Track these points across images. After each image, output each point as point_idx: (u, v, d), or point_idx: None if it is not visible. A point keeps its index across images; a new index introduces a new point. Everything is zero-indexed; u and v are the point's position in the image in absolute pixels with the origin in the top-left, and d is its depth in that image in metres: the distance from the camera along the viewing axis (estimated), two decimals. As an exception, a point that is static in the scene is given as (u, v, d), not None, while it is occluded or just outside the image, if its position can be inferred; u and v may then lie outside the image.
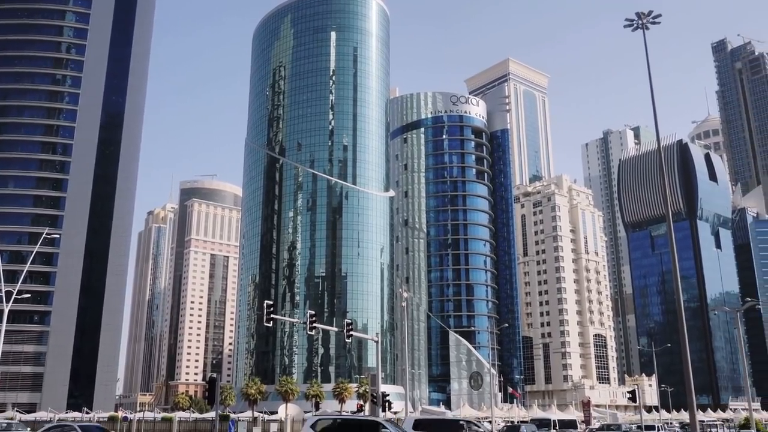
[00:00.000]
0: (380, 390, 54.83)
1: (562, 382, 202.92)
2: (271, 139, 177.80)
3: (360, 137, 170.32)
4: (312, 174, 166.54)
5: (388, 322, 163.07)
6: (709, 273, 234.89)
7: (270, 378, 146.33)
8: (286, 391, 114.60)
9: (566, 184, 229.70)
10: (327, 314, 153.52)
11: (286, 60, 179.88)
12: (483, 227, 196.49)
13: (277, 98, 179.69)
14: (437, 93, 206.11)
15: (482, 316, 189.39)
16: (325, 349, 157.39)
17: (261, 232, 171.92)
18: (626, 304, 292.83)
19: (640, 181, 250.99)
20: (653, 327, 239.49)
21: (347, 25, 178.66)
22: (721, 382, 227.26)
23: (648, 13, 43.83)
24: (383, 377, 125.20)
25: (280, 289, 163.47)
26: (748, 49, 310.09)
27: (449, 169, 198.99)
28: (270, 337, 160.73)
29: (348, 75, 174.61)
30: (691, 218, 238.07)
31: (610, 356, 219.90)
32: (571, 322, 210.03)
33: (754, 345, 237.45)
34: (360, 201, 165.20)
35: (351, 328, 54.96)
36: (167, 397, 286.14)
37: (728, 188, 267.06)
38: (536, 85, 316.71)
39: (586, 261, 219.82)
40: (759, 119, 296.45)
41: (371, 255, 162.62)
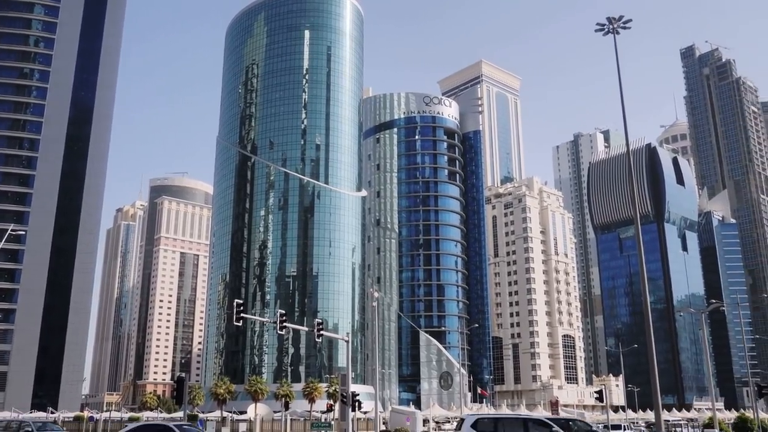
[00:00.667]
0: (350, 390, 54.78)
1: (531, 382, 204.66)
2: (243, 137, 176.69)
3: (333, 137, 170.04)
4: (284, 173, 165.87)
5: (359, 321, 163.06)
6: (676, 275, 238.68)
7: (239, 378, 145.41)
8: (255, 390, 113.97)
9: (537, 185, 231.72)
10: (298, 314, 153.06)
11: (259, 58, 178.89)
12: (454, 228, 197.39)
13: (249, 96, 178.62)
14: (410, 93, 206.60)
15: (453, 317, 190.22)
16: (296, 349, 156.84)
17: (232, 231, 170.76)
18: (594, 305, 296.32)
19: (610, 183, 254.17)
20: (621, 328, 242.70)
21: (321, 24, 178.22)
22: (686, 383, 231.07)
23: (619, 18, 44.41)
24: (353, 377, 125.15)
25: (250, 288, 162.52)
26: (715, 55, 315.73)
27: (421, 170, 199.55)
28: (240, 337, 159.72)
29: (321, 74, 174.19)
30: (658, 221, 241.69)
31: (578, 356, 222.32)
32: (541, 323, 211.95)
33: (718, 346, 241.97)
34: (332, 200, 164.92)
35: (321, 328, 54.82)
36: (135, 396, 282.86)
37: (695, 192, 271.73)
38: (508, 88, 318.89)
39: (555, 262, 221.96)
40: (725, 125, 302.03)
41: (343, 255, 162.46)
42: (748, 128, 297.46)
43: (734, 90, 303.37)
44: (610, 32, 44.33)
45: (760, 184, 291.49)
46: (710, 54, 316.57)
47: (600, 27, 44.66)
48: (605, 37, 44.80)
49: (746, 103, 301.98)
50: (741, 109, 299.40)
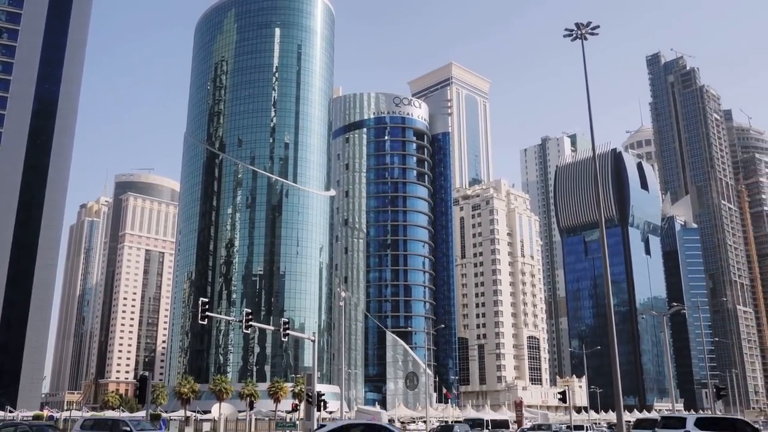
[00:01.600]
0: (316, 389, 54.66)
1: (496, 382, 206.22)
2: (212, 134, 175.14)
3: (302, 135, 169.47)
4: (252, 171, 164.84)
5: (326, 321, 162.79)
6: (639, 278, 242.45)
7: (204, 377, 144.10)
8: (220, 390, 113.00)
9: (504, 188, 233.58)
10: (264, 313, 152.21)
11: (228, 55, 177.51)
12: (422, 229, 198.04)
13: (218, 93, 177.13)
14: (380, 94, 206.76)
15: (419, 317, 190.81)
16: (261, 348, 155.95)
17: (198, 229, 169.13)
18: (559, 307, 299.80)
19: (576, 187, 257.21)
20: (584, 330, 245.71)
21: (292, 23, 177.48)
22: (647, 384, 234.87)
23: (587, 24, 44.94)
24: (319, 377, 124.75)
25: (216, 286, 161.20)
26: (680, 63, 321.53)
27: (390, 170, 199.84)
28: (205, 336, 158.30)
29: (291, 72, 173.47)
30: (622, 225, 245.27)
31: (543, 358, 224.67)
32: (506, 324, 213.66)
33: (679, 348, 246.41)
34: (300, 199, 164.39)
35: (288, 327, 54.62)
36: (96, 395, 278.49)
37: (658, 197, 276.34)
38: (478, 90, 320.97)
39: (521, 264, 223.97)
40: (688, 131, 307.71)
41: (310, 254, 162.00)
42: (711, 135, 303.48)
43: (698, 98, 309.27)
44: (578, 38, 44.84)
45: (721, 190, 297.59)
46: (675, 62, 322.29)
47: (568, 32, 45.16)
48: (573, 43, 45.33)
49: (709, 110, 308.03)
50: (704, 117, 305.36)
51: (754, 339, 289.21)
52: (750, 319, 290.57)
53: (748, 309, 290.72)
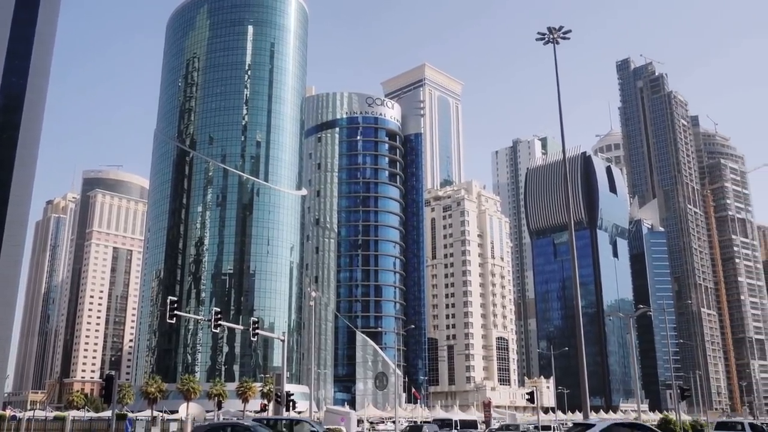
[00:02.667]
0: (285, 389, 54.45)
1: (465, 383, 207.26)
2: (182, 131, 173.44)
3: (274, 134, 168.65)
4: (223, 169, 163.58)
5: (296, 321, 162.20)
6: (606, 280, 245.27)
7: (172, 376, 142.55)
8: (188, 389, 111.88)
9: (476, 189, 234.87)
10: (233, 312, 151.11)
11: (200, 51, 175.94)
12: (393, 229, 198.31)
13: (189, 90, 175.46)
14: (353, 94, 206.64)
15: (389, 317, 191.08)
16: (230, 348, 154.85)
17: (167, 227, 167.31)
18: (528, 308, 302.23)
19: (546, 190, 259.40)
20: (553, 331, 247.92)
21: (265, 20, 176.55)
22: (614, 385, 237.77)
23: (559, 28, 45.46)
24: (288, 377, 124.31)
25: (185, 285, 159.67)
26: (649, 69, 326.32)
27: (362, 170, 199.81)
28: (173, 335, 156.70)
29: (264, 70, 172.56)
30: (591, 228, 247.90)
31: (512, 359, 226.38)
32: (476, 325, 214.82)
33: (644, 350, 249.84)
34: (271, 198, 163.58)
35: (257, 327, 54.34)
36: (61, 395, 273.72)
37: (626, 200, 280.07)
38: (450, 92, 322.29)
39: (492, 265, 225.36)
40: (656, 136, 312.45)
41: (281, 253, 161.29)
42: (678, 140, 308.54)
43: (666, 103, 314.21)
44: (551, 42, 45.34)
45: (687, 194, 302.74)
46: (644, 67, 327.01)
47: (541, 36, 45.63)
48: (546, 46, 45.80)
49: (677, 116, 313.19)
50: (672, 122, 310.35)
51: (718, 341, 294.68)
52: (714, 321, 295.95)
53: (712, 312, 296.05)
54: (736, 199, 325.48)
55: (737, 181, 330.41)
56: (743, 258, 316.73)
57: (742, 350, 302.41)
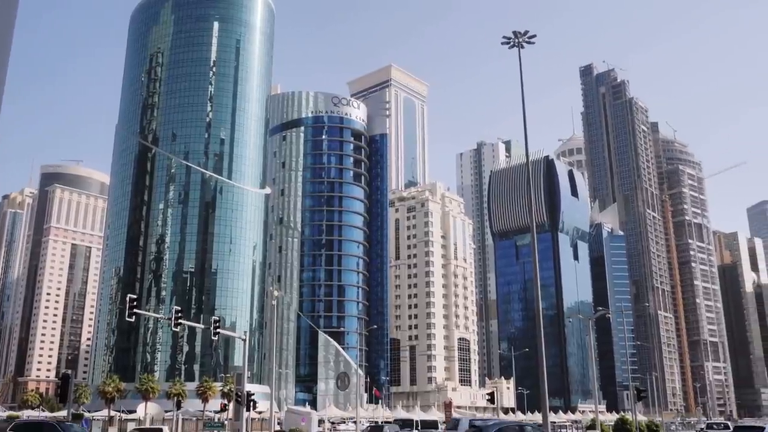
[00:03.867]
0: (246, 389, 54.06)
1: (427, 383, 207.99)
2: (145, 127, 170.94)
3: (238, 132, 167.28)
4: (186, 166, 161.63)
5: (258, 320, 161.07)
6: (567, 283, 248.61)
7: (130, 376, 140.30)
8: (146, 389, 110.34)
9: (440, 191, 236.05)
10: (194, 311, 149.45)
11: (164, 47, 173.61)
12: (357, 229, 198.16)
13: (152, 85, 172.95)
14: (319, 93, 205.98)
15: (352, 318, 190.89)
16: (191, 347, 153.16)
17: (128, 224, 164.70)
18: (490, 309, 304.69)
19: (509, 192, 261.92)
20: (514, 332, 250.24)
21: (231, 17, 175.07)
22: (573, 386, 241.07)
23: (524, 33, 45.95)
24: (250, 376, 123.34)
25: (145, 283, 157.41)
26: (611, 75, 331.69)
27: (327, 170, 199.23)
28: (132, 333, 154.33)
29: (229, 67, 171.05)
30: (553, 231, 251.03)
31: (473, 359, 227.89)
32: (438, 326, 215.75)
33: (603, 352, 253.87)
34: (235, 196, 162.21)
35: (218, 326, 53.83)
36: (15, 394, 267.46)
37: (587, 204, 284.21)
38: (416, 93, 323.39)
39: (454, 267, 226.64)
40: (617, 141, 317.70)
41: (243, 252, 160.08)
42: (638, 146, 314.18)
43: (627, 109, 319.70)
44: (516, 46, 45.81)
45: (646, 199, 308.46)
46: (607, 74, 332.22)
47: (506, 40, 46.07)
48: (510, 50, 46.24)
49: (637, 122, 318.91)
50: (632, 128, 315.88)
51: (674, 343, 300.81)
52: (670, 324, 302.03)
53: (668, 314, 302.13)
54: (693, 205, 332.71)
55: (694, 187, 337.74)
56: (699, 262, 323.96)
57: (696, 352, 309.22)
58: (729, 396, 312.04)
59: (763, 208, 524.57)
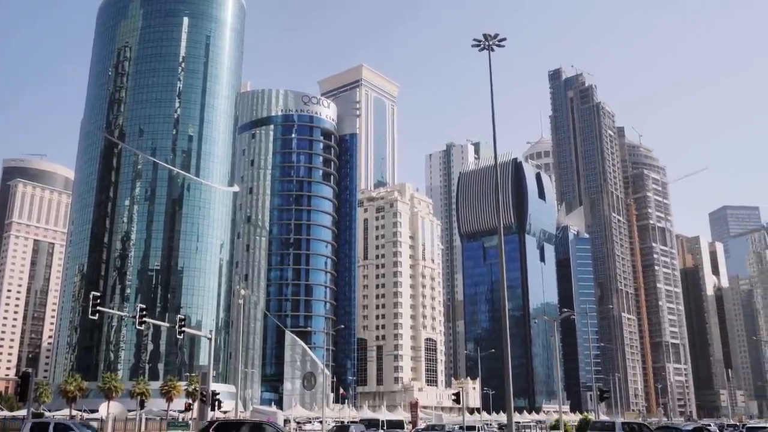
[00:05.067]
0: (211, 388, 53.63)
1: (393, 383, 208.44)
2: (111, 122, 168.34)
3: (207, 128, 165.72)
4: (153, 162, 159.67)
5: (224, 319, 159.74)
6: (533, 284, 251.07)
7: (93, 374, 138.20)
8: (109, 388, 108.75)
9: (409, 192, 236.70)
10: (159, 309, 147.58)
11: (133, 41, 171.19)
12: (326, 229, 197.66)
13: (120, 80, 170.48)
14: (289, 91, 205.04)
15: (319, 317, 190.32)
16: (155, 346, 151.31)
17: (93, 220, 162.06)
18: (457, 310, 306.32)
19: (477, 194, 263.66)
20: (480, 333, 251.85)
21: (201, 13, 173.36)
22: (537, 386, 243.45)
23: (494, 36, 46.24)
24: (215, 376, 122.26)
25: (109, 280, 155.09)
26: (579, 80, 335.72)
27: (296, 169, 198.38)
28: (95, 331, 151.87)
29: (198, 63, 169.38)
30: (520, 232, 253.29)
31: (440, 360, 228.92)
32: (405, 326, 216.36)
33: (568, 353, 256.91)
34: (202, 194, 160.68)
35: (183, 324, 53.37)
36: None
37: (554, 206, 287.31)
38: (387, 94, 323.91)
39: (422, 267, 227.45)
40: (585, 145, 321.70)
41: (210, 250, 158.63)
42: (605, 150, 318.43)
43: (594, 113, 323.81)
44: (486, 48, 46.09)
45: (612, 202, 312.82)
46: (575, 78, 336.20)
47: (476, 43, 46.33)
48: (480, 53, 46.51)
49: (604, 126, 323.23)
50: (599, 132, 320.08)
51: (636, 345, 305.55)
52: (633, 326, 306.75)
53: (631, 316, 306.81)
54: (657, 209, 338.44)
55: (659, 191, 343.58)
56: (662, 265, 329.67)
57: (658, 354, 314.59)
58: (689, 397, 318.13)
59: (724, 213, 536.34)
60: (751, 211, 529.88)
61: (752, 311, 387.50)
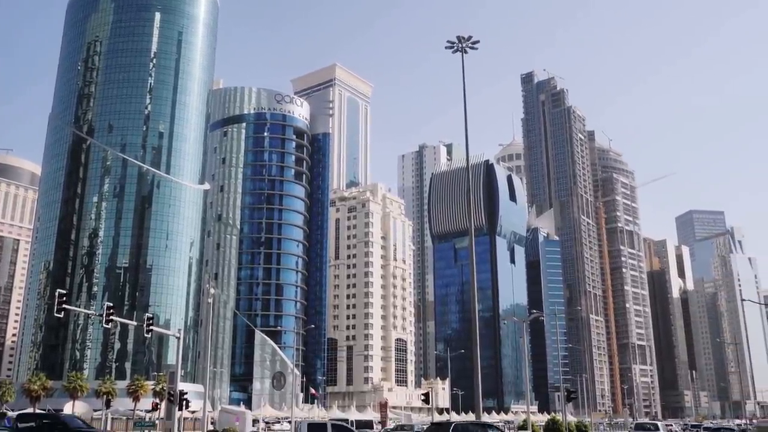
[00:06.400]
0: (179, 388, 53.05)
1: (363, 383, 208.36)
2: (80, 117, 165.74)
3: (178, 125, 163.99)
4: (122, 159, 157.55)
5: (193, 318, 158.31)
6: (503, 286, 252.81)
7: (58, 373, 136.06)
8: (74, 387, 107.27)
9: (381, 192, 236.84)
10: (127, 307, 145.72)
11: (103, 35, 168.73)
12: (297, 228, 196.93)
13: (90, 74, 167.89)
14: (262, 89, 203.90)
15: (290, 317, 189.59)
16: (123, 345, 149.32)
17: (59, 216, 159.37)
18: (428, 311, 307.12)
19: (449, 195, 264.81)
20: (450, 333, 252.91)
21: (173, 8, 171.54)
22: (506, 387, 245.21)
23: (468, 38, 46.60)
24: (183, 375, 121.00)
25: (76, 278, 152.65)
26: (551, 83, 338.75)
27: (268, 168, 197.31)
28: (61, 330, 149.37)
29: (170, 59, 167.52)
30: (491, 234, 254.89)
31: (409, 360, 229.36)
32: (375, 326, 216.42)
33: (536, 354, 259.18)
34: (172, 191, 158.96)
35: (151, 323, 52.69)
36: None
37: (525, 209, 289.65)
38: (360, 93, 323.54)
39: (393, 268, 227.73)
40: (556, 148, 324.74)
41: (180, 248, 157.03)
42: (575, 154, 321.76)
43: (565, 117, 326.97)
44: (459, 50, 46.40)
45: (581, 206, 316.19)
46: (547, 82, 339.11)
47: (450, 44, 46.63)
48: (454, 55, 46.80)
49: (575, 130, 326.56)
50: (570, 136, 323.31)
51: (604, 346, 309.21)
52: (601, 327, 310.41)
53: (599, 318, 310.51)
54: (626, 212, 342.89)
55: (627, 195, 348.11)
56: (630, 268, 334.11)
57: (625, 355, 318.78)
58: (654, 397, 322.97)
59: (690, 217, 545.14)
60: (716, 215, 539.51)
61: (716, 314, 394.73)
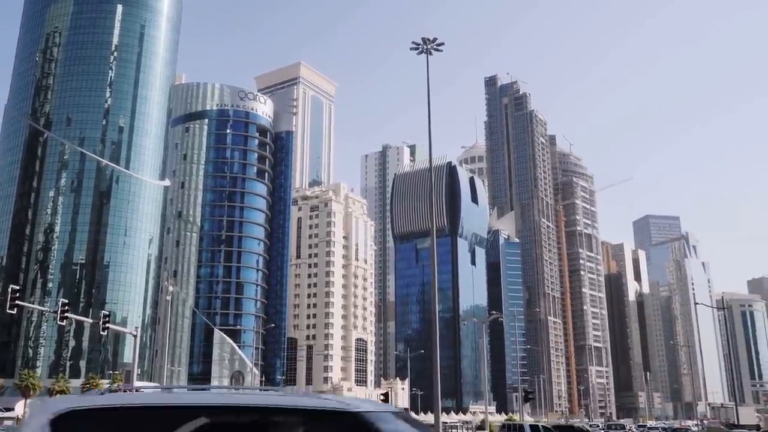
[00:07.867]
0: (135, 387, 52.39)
1: (323, 383, 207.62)
2: (37, 109, 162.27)
3: (138, 120, 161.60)
4: (80, 153, 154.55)
5: (151, 316, 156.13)
6: (464, 287, 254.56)
7: (9, 371, 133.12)
8: (26, 385, 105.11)
9: (343, 191, 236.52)
10: (83, 304, 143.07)
11: (63, 26, 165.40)
12: (259, 226, 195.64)
13: (48, 66, 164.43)
14: (225, 86, 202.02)
15: (250, 316, 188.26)
16: (77, 342, 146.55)
17: (14, 210, 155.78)
18: (388, 311, 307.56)
19: (412, 196, 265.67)
20: (411, 334, 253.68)
21: (136, 1, 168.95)
22: (465, 387, 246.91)
23: (432, 40, 46.83)
24: (140, 373, 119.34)
25: (30, 274, 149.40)
26: (514, 87, 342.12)
27: (230, 165, 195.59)
28: (13, 327, 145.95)
29: (132, 53, 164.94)
30: (452, 235, 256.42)
31: (370, 360, 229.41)
32: (336, 326, 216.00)
33: (495, 354, 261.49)
34: (131, 187, 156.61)
35: (108, 321, 51.95)
36: None
37: (486, 211, 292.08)
38: (324, 92, 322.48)
39: (355, 267, 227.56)
40: (517, 151, 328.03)
41: (138, 245, 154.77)
42: (537, 157, 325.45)
43: (527, 121, 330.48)
44: (424, 52, 46.61)
45: (542, 209, 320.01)
46: (510, 85, 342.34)
47: (415, 46, 46.81)
48: (419, 56, 47.01)
49: (537, 134, 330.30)
50: (532, 139, 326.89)
51: (561, 348, 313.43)
52: (558, 329, 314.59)
53: (557, 320, 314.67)
54: (585, 216, 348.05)
55: (586, 199, 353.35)
56: (588, 271, 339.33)
57: (582, 357, 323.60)
58: (610, 398, 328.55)
59: (646, 222, 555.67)
60: (672, 220, 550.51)
61: (670, 317, 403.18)
